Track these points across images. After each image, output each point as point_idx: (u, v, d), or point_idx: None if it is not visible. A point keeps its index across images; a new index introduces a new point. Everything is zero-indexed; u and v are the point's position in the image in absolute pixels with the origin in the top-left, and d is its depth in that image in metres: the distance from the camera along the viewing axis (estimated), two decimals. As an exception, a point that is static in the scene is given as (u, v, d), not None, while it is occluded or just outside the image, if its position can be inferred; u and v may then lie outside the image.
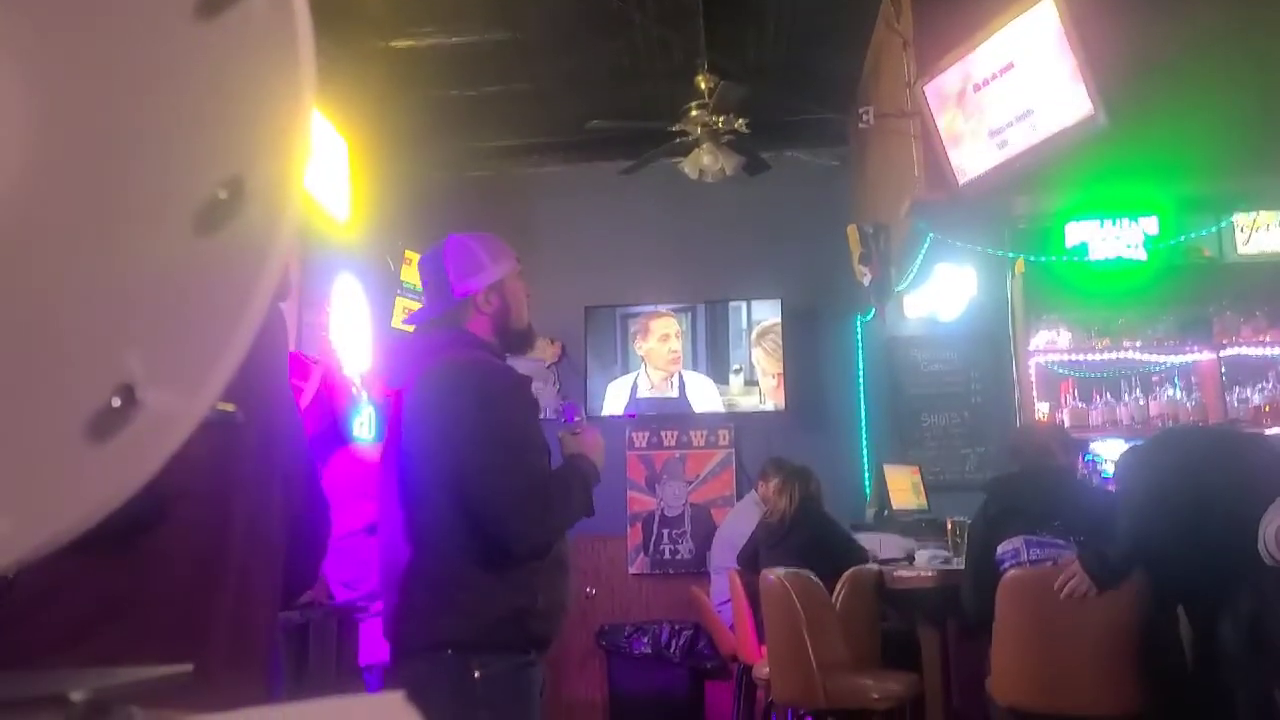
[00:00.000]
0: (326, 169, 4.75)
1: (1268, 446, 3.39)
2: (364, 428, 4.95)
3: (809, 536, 4.25)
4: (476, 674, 2.02)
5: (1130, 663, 2.87)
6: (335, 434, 3.34)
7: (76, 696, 0.43)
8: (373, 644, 3.13)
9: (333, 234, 4.84)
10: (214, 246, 0.45)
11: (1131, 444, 5.19)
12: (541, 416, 2.23)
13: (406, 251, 5.69)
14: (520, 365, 2.41)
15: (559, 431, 2.27)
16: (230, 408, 1.29)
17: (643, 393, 6.40)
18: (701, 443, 6.43)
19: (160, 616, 1.26)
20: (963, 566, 3.48)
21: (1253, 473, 2.72)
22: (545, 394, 6.33)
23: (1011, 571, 3.06)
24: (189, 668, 0.50)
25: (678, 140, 5.36)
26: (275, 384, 1.57)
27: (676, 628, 5.81)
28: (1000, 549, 3.14)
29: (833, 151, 6.49)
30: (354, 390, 3.57)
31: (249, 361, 0.45)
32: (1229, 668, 2.66)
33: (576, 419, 2.32)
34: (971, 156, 4.34)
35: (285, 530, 1.75)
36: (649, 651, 5.79)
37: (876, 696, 3.36)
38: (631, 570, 6.33)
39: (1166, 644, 2.93)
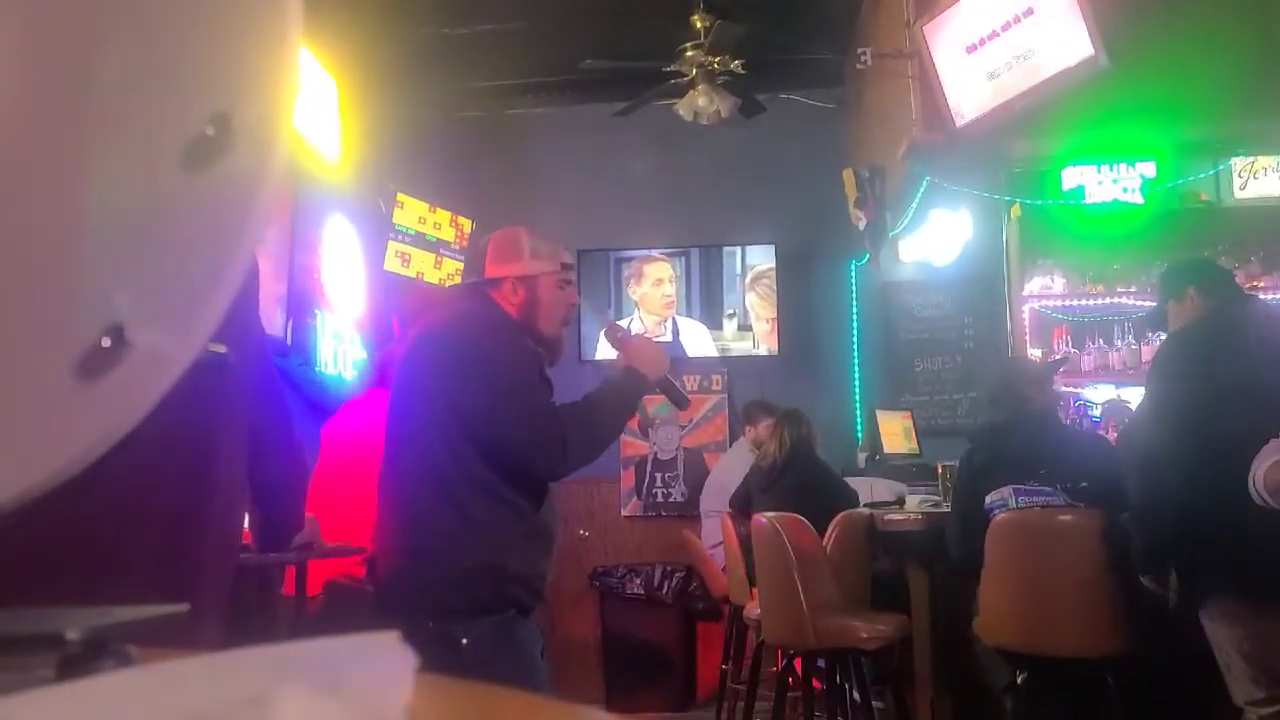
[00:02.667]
0: (316, 108, 4.69)
1: None
2: (341, 365, 4.94)
3: (801, 480, 4.28)
4: (464, 641, 2.01)
5: (1116, 604, 2.91)
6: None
7: (72, 635, 0.43)
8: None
9: (323, 175, 4.79)
10: (202, 184, 0.44)
11: (1123, 388, 5.23)
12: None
13: (398, 194, 5.64)
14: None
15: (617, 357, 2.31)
16: (221, 348, 1.30)
17: (636, 337, 6.40)
18: (694, 387, 6.44)
19: (134, 554, 1.27)
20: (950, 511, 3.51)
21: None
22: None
23: (1001, 515, 3.09)
24: (185, 607, 0.50)
25: (672, 81, 5.30)
26: (248, 326, 1.58)
27: (669, 569, 5.87)
28: (989, 498, 3.17)
29: (829, 93, 6.41)
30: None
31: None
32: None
33: (619, 336, 2.35)
34: (970, 98, 4.29)
35: (261, 473, 1.77)
36: (641, 593, 5.86)
37: (866, 637, 3.41)
38: (624, 513, 6.38)
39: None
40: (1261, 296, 4.96)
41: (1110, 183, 4.93)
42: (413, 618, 2.02)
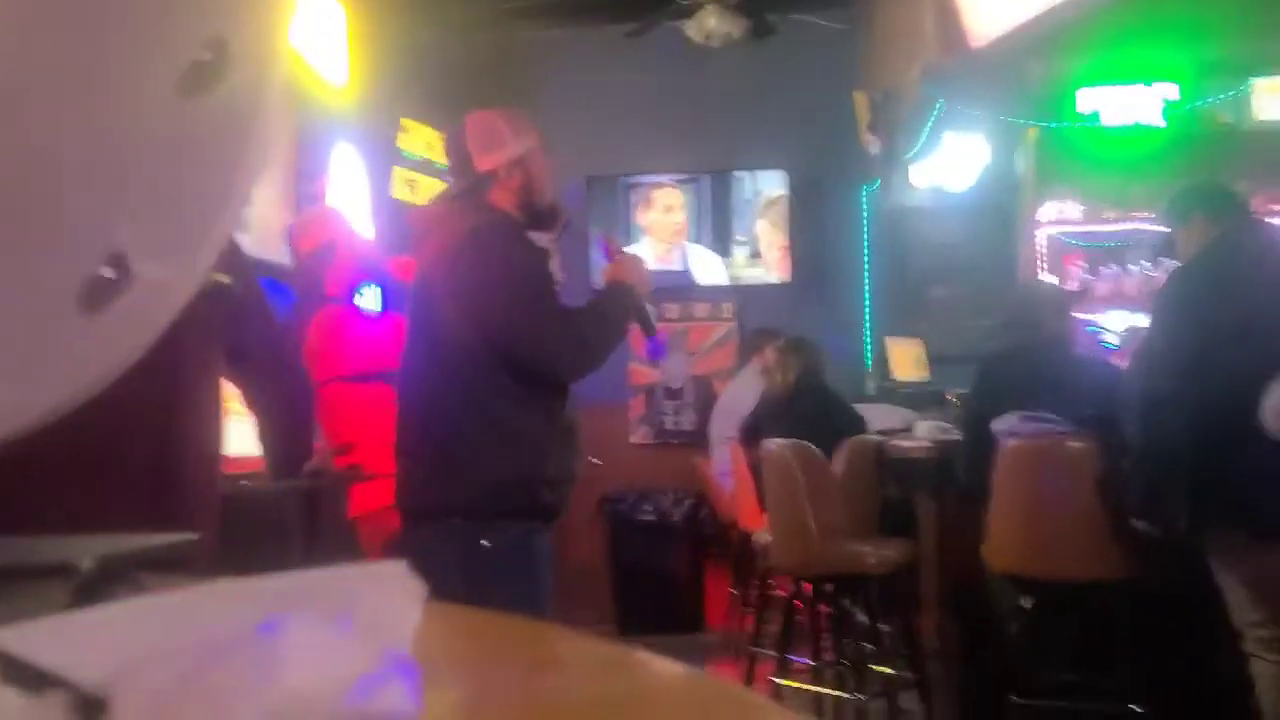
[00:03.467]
0: (322, 32, 4.61)
1: None
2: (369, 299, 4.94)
3: (810, 407, 4.28)
4: (485, 543, 2.07)
5: (1120, 531, 2.92)
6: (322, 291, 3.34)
7: (85, 564, 0.43)
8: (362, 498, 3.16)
9: (329, 100, 4.73)
10: (201, 110, 0.43)
11: (1138, 314, 5.20)
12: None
13: (404, 119, 5.57)
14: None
15: (605, 268, 2.37)
16: (226, 279, 1.30)
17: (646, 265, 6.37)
18: (704, 315, 6.43)
19: (117, 479, 1.28)
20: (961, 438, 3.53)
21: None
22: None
23: (1011, 442, 3.10)
24: (195, 536, 0.51)
25: (683, 2, 5.19)
26: (229, 249, 1.57)
27: (678, 496, 5.93)
28: (996, 425, 3.19)
29: (842, 14, 6.27)
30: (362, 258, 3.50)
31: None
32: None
33: (612, 250, 2.41)
34: (986, 18, 4.20)
35: (264, 400, 1.78)
36: (651, 519, 5.92)
37: (873, 562, 3.44)
38: (634, 440, 6.42)
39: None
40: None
41: (1129, 104, 4.85)
42: (441, 520, 2.10)
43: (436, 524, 2.10)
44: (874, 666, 3.60)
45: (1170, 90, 4.80)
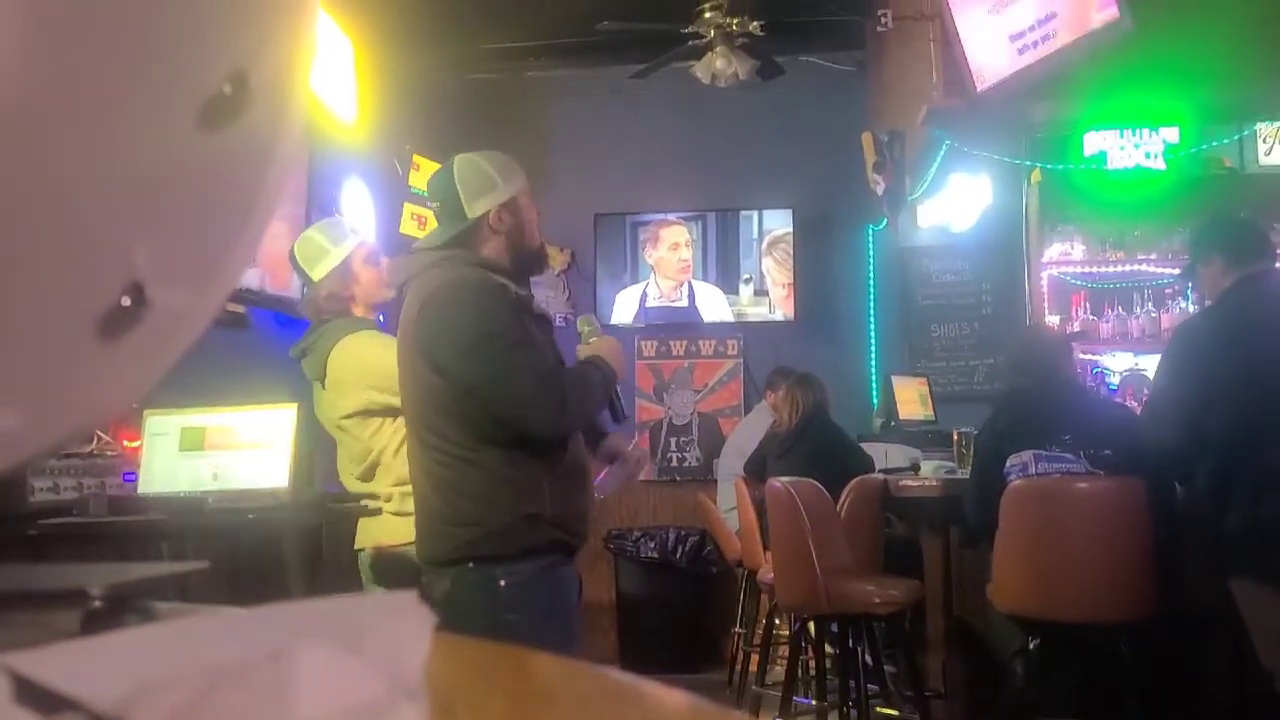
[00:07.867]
0: (331, 69, 4.67)
1: None
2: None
3: (816, 445, 4.28)
4: (502, 583, 2.07)
5: (1128, 572, 2.90)
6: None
7: (96, 591, 0.43)
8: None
9: (339, 136, 4.78)
10: (220, 143, 0.44)
11: (1141, 356, 5.20)
12: (556, 324, 2.26)
13: (414, 156, 5.62)
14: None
15: (577, 347, 2.31)
16: (241, 309, 1.31)
17: (652, 302, 6.39)
18: (710, 352, 6.44)
19: None
20: (967, 477, 3.51)
21: None
22: (555, 302, 6.32)
23: (1017, 481, 3.08)
24: (206, 564, 0.51)
25: (690, 43, 5.25)
26: None
27: (683, 533, 5.90)
28: (1009, 462, 3.15)
29: (849, 56, 6.34)
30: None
31: None
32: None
33: (587, 334, 2.35)
34: (991, 62, 4.24)
35: None
36: (656, 556, 5.89)
37: (878, 601, 3.42)
38: (639, 477, 6.39)
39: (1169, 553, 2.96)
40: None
41: (1133, 148, 4.88)
42: (457, 566, 2.10)
43: (453, 570, 2.10)
44: (879, 708, 3.56)
45: (1172, 134, 4.84)
